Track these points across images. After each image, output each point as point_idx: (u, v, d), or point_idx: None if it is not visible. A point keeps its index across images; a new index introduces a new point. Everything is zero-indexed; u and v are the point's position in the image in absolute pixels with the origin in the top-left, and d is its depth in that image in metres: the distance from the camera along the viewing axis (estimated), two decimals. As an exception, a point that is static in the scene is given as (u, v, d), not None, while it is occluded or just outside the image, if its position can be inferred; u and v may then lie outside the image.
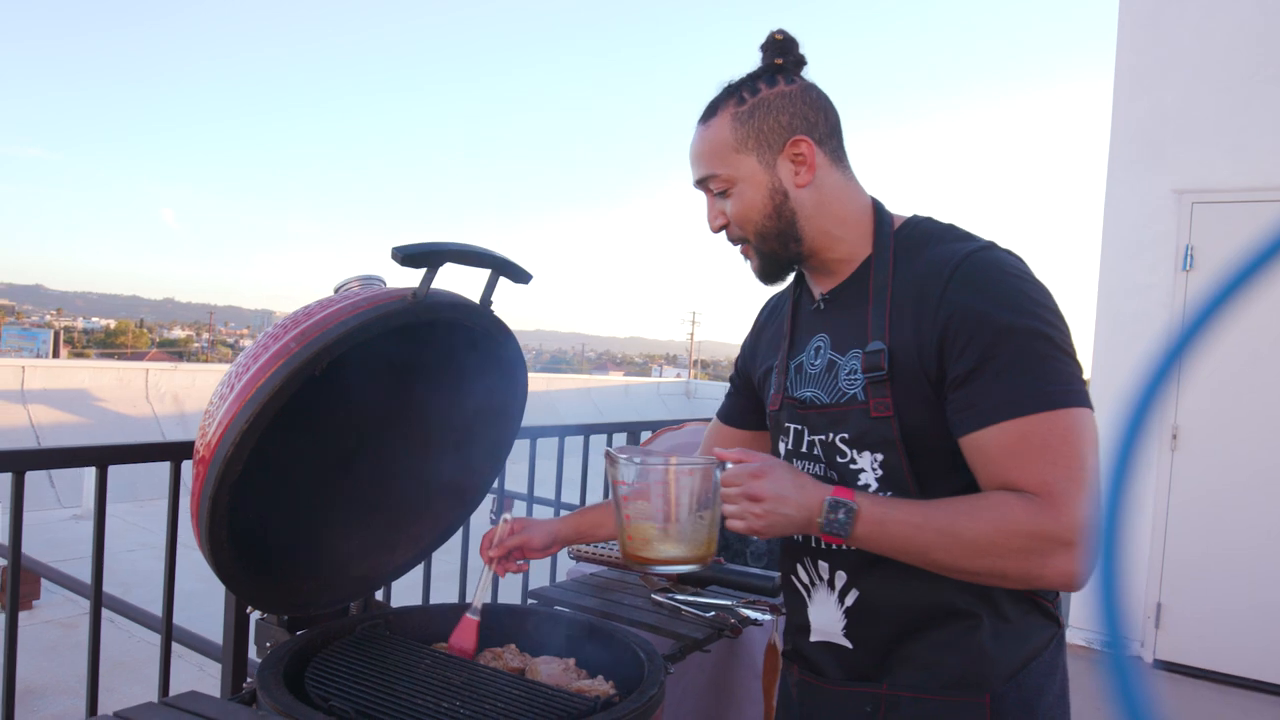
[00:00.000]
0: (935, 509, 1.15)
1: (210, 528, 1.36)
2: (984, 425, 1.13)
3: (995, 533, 1.09)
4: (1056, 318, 1.15)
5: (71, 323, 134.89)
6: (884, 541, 1.16)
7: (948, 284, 1.17)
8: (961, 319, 1.14)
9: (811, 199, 1.28)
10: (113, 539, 7.05)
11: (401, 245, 1.38)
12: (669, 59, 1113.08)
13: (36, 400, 10.37)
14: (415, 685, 1.41)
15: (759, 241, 1.30)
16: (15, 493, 1.55)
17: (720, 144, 1.28)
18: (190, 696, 1.25)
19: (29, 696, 3.80)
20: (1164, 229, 4.67)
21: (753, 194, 1.28)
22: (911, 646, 1.24)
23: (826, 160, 1.28)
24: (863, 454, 1.24)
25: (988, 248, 1.21)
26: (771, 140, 1.26)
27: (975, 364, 1.13)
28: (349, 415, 1.69)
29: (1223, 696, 4.27)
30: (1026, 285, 1.17)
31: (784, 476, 1.20)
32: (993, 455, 1.13)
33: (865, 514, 1.15)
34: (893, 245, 1.27)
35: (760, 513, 1.18)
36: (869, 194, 1.34)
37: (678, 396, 21.30)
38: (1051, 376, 1.11)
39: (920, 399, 1.19)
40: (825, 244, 1.30)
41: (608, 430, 3.18)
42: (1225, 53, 4.54)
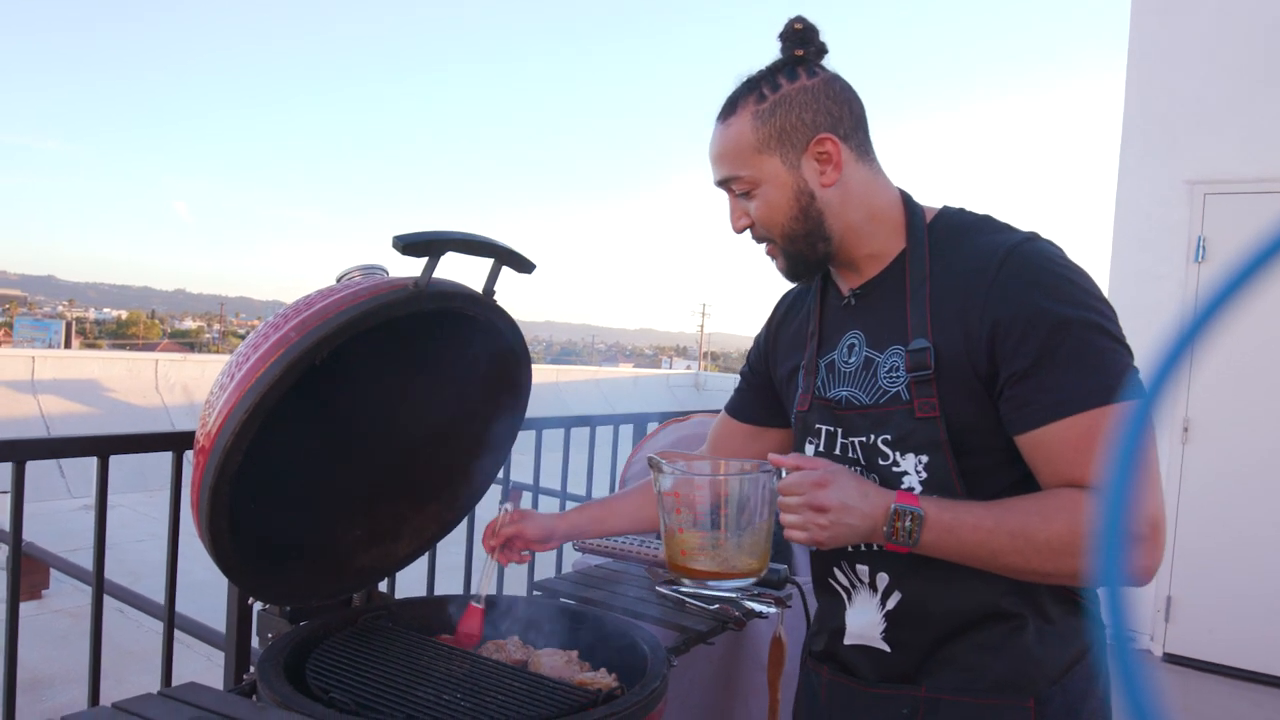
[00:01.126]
0: (1005, 512, 1.11)
1: (210, 518, 1.35)
2: (1047, 421, 1.10)
3: (1069, 533, 1.07)
4: (1108, 307, 1.13)
5: (84, 314, 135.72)
6: (953, 547, 1.12)
7: (995, 277, 1.14)
8: (1015, 313, 1.11)
9: (838, 197, 1.23)
10: (122, 529, 7.08)
11: (403, 234, 1.36)
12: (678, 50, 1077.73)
13: (46, 390, 10.42)
14: (417, 677, 1.40)
15: (786, 243, 1.26)
16: (16, 482, 1.55)
17: (741, 144, 1.23)
18: (189, 688, 1.24)
19: (38, 686, 3.82)
20: (1176, 220, 4.63)
21: (777, 195, 1.23)
22: (953, 648, 1.21)
23: (852, 156, 1.23)
24: (906, 456, 1.20)
25: (1031, 239, 1.18)
26: (795, 139, 1.21)
27: (1034, 359, 1.10)
28: (352, 405, 1.68)
29: (1234, 690, 4.24)
30: (1076, 276, 1.14)
31: (849, 485, 1.14)
32: (1057, 451, 1.11)
33: (933, 520, 1.11)
34: (928, 239, 1.24)
35: (825, 523, 1.13)
36: (896, 186, 1.30)
37: (687, 388, 21.29)
38: (1112, 369, 1.08)
39: (968, 397, 1.16)
40: (854, 241, 1.26)
41: (613, 421, 3.17)
42: (1238, 42, 4.49)
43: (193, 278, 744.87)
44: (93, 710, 1.17)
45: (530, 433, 2.73)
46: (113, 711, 1.16)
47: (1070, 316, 1.10)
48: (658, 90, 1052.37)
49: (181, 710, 1.17)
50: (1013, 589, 1.17)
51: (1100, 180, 5.41)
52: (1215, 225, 4.53)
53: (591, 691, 1.36)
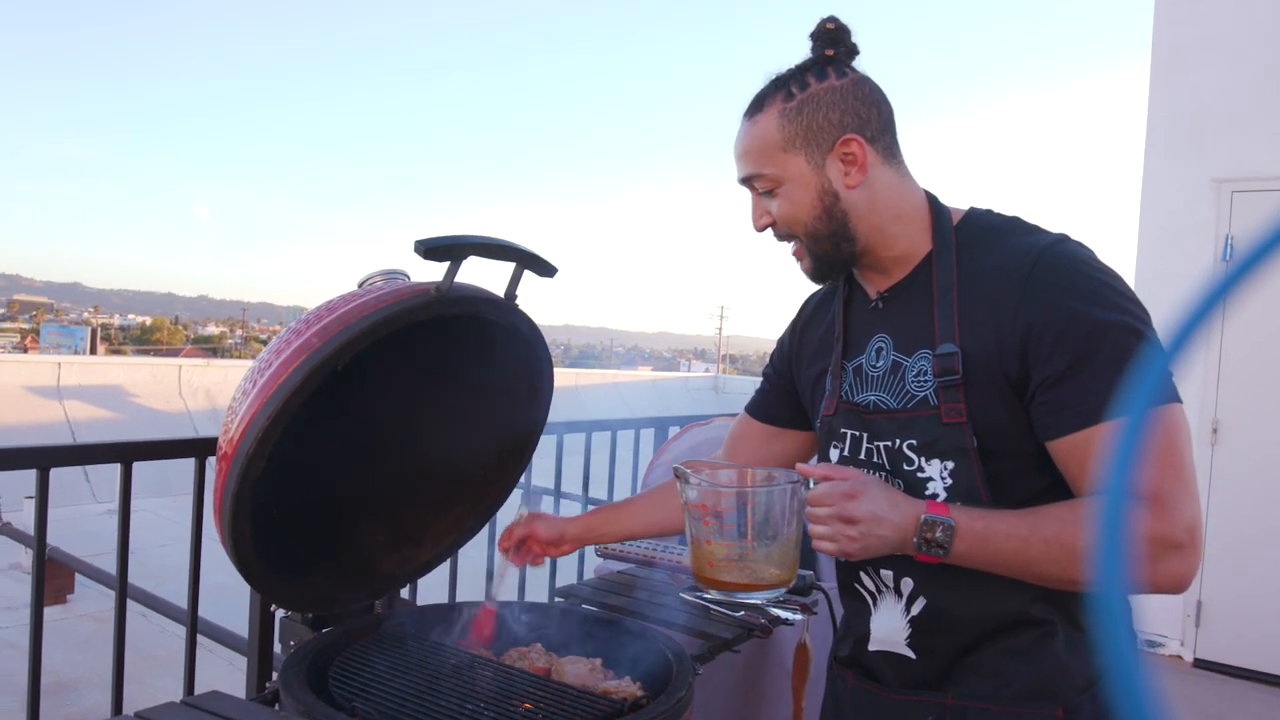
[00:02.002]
0: (1039, 519, 1.09)
1: (233, 525, 1.34)
2: (1083, 426, 1.08)
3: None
4: (1142, 310, 1.11)
5: (108, 320, 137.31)
6: (986, 557, 1.10)
7: (1026, 281, 1.12)
8: (1049, 317, 1.10)
9: (864, 199, 1.22)
10: (146, 533, 7.14)
11: (424, 238, 1.35)
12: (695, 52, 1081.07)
13: (72, 396, 10.54)
14: (439, 686, 1.39)
15: (811, 242, 1.25)
16: (40, 488, 1.55)
17: (766, 142, 1.22)
18: (212, 696, 1.24)
19: (62, 690, 3.84)
20: (1203, 218, 4.56)
21: (801, 195, 1.22)
22: (979, 655, 1.19)
23: (879, 158, 1.22)
24: (931, 462, 1.18)
25: (1062, 240, 1.16)
26: (820, 139, 1.20)
27: (1070, 364, 1.08)
28: (374, 410, 1.67)
29: (1266, 696, 4.16)
30: (1110, 279, 1.12)
31: (879, 495, 1.12)
32: (1089, 459, 1.09)
33: (964, 530, 1.09)
34: (954, 241, 1.22)
35: (855, 535, 1.11)
36: (923, 188, 1.29)
37: (706, 391, 21.25)
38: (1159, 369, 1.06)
39: (998, 402, 1.14)
40: (880, 242, 1.24)
41: (635, 426, 3.15)
42: (1264, 37, 4.42)
43: (215, 283, 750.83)
44: (116, 719, 1.16)
45: (551, 437, 2.72)
46: (136, 720, 1.15)
47: (1107, 320, 1.08)
48: (677, 92, 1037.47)
49: (205, 719, 1.16)
50: (1041, 595, 1.14)
51: (1125, 179, 5.35)
52: (1243, 224, 4.46)
53: (616, 700, 1.34)
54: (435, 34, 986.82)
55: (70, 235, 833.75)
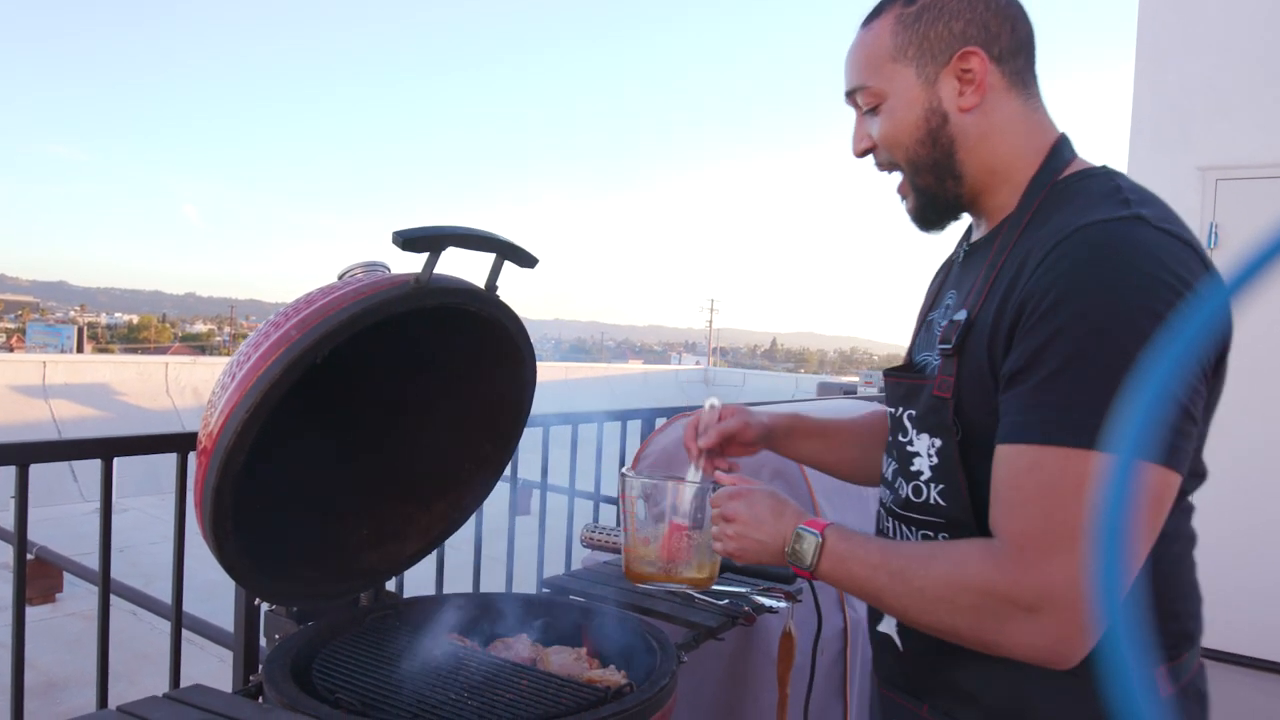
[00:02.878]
0: (895, 551, 1.03)
1: (214, 519, 1.34)
2: (1005, 440, 0.95)
3: (946, 585, 0.95)
4: (1156, 323, 0.87)
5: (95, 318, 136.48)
6: (844, 580, 1.06)
7: (1046, 256, 0.95)
8: (1037, 302, 0.93)
9: (977, 127, 1.06)
10: (135, 531, 7.11)
11: (403, 229, 1.35)
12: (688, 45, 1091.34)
13: (58, 395, 10.49)
14: (425, 677, 1.39)
15: (912, 172, 1.11)
16: (20, 485, 1.54)
17: (876, 50, 1.08)
18: (195, 690, 1.23)
19: (52, 689, 3.83)
20: (1188, 206, 4.58)
21: (905, 113, 1.08)
22: (955, 671, 1.08)
23: (1004, 82, 1.06)
24: (921, 436, 1.09)
25: (1127, 219, 0.94)
26: (936, 51, 1.05)
27: (1026, 361, 0.93)
28: (356, 403, 1.67)
29: (1257, 682, 4.20)
30: (1145, 278, 0.89)
31: (761, 501, 1.13)
32: (998, 482, 0.96)
33: (829, 549, 1.06)
34: (1039, 200, 1.05)
35: (732, 534, 1.14)
36: (1059, 131, 1.11)
37: (697, 385, 21.26)
38: (1104, 404, 0.87)
39: (982, 385, 1.01)
40: (988, 185, 1.09)
41: (621, 417, 3.15)
42: (1251, 25, 4.44)
43: (203, 281, 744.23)
44: (99, 713, 1.16)
45: (538, 430, 2.71)
46: (118, 715, 1.15)
47: (1094, 321, 0.89)
48: (667, 86, 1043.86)
49: (187, 713, 1.16)
50: None
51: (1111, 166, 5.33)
52: (1228, 211, 4.48)
53: (601, 689, 1.34)
54: (423, 33, 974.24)
55: (56, 234, 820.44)
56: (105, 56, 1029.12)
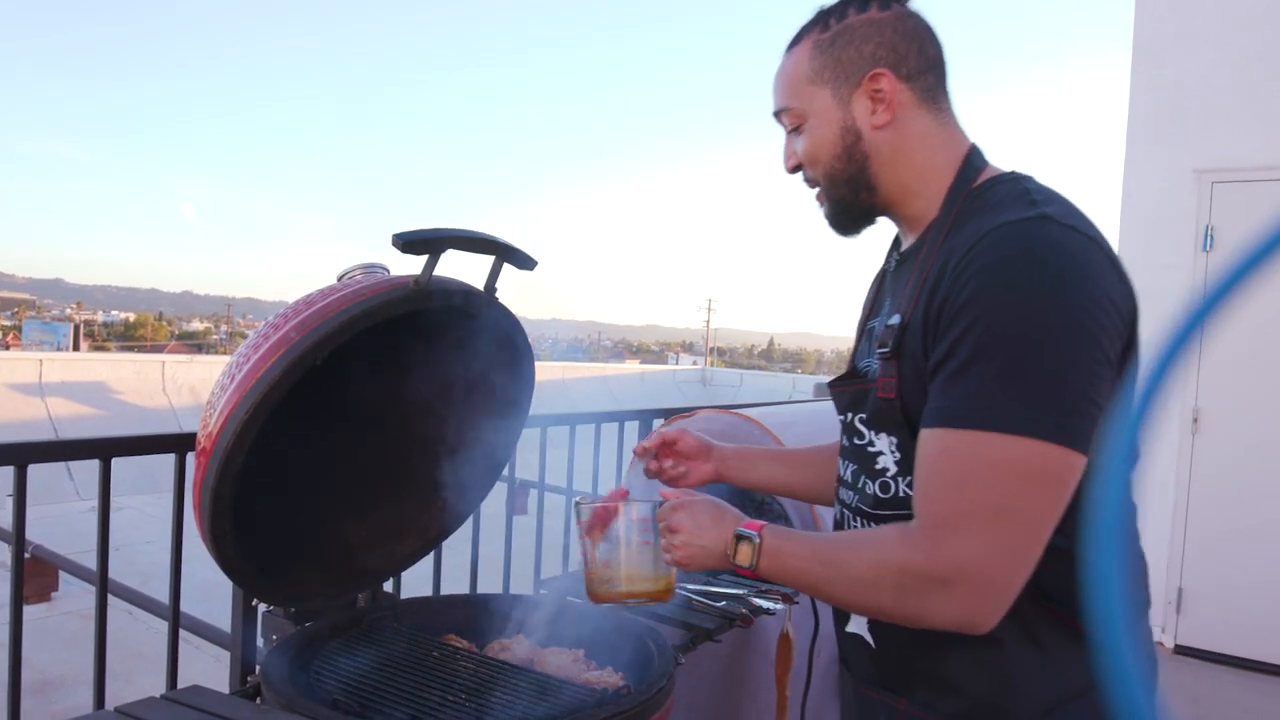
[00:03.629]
0: (826, 543, 1.09)
1: (212, 520, 1.34)
2: (923, 427, 1.01)
3: (870, 568, 1.02)
4: (1074, 325, 0.94)
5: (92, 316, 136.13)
6: (783, 575, 1.12)
7: (964, 256, 1.01)
8: (954, 299, 1.00)
9: (889, 143, 1.14)
10: (131, 530, 7.10)
11: (402, 231, 1.35)
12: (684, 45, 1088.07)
13: (54, 393, 10.46)
14: (422, 677, 1.40)
15: (829, 185, 1.18)
16: (18, 485, 1.55)
17: (796, 74, 1.17)
18: (193, 691, 1.24)
19: (47, 688, 3.82)
20: (1184, 208, 4.59)
21: (823, 131, 1.16)
22: (931, 663, 1.11)
23: (913, 100, 1.13)
24: (880, 435, 1.15)
25: (1034, 219, 1.00)
26: (849, 73, 1.13)
27: (943, 355, 1.00)
28: (354, 405, 1.67)
29: (1246, 682, 4.21)
30: (1051, 272, 0.96)
31: (702, 510, 1.20)
32: (917, 466, 1.02)
33: (766, 546, 1.11)
34: (957, 208, 1.12)
35: (679, 544, 1.20)
36: (969, 141, 1.18)
37: (694, 384, 21.27)
38: (1018, 392, 0.93)
39: (920, 382, 1.07)
40: (901, 197, 1.17)
41: (619, 418, 3.15)
42: (1247, 27, 4.45)
43: (200, 279, 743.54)
44: (96, 714, 1.16)
45: (535, 430, 2.72)
46: (115, 715, 1.15)
47: (997, 315, 0.95)
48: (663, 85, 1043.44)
49: (184, 714, 1.16)
50: None
51: (1106, 169, 5.37)
52: (1223, 214, 4.50)
53: (598, 690, 1.35)
54: (421, 33, 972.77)
55: (52, 231, 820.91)
56: (103, 54, 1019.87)
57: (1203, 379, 4.48)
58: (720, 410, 2.79)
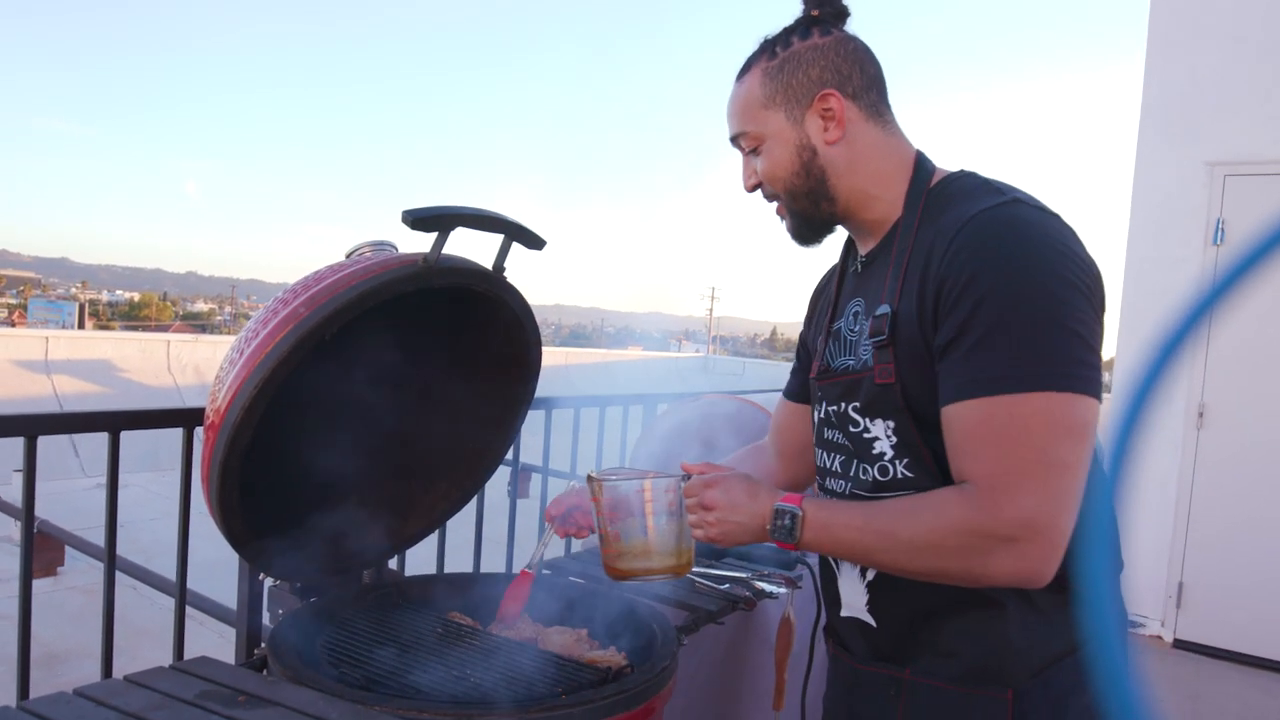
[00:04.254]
0: (877, 511, 1.12)
1: (220, 494, 1.35)
2: (950, 401, 1.06)
3: (931, 532, 1.05)
4: (1068, 288, 1.03)
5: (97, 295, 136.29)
6: (831, 545, 1.15)
7: (951, 243, 1.09)
8: (954, 281, 1.07)
9: (843, 156, 1.22)
10: (135, 507, 7.13)
11: (412, 208, 1.35)
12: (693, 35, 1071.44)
13: (60, 370, 10.49)
14: (426, 653, 1.41)
15: (790, 200, 1.26)
16: (28, 457, 1.55)
17: (749, 100, 1.24)
18: (201, 661, 1.24)
19: (53, 661, 3.85)
20: (1195, 202, 4.57)
21: (780, 151, 1.23)
22: (934, 632, 1.18)
23: (860, 115, 1.22)
24: (875, 422, 1.19)
25: (1008, 203, 1.10)
26: (799, 95, 1.21)
27: (956, 332, 1.06)
28: (362, 381, 1.68)
29: (1245, 677, 4.22)
30: (1038, 246, 1.05)
31: (736, 486, 1.21)
32: (954, 437, 1.06)
33: (810, 518, 1.14)
34: (922, 204, 1.21)
35: (713, 520, 1.21)
36: (914, 148, 1.27)
37: (695, 371, 21.27)
38: (1038, 354, 1.01)
39: (920, 366, 1.12)
40: (861, 203, 1.24)
41: (623, 402, 3.16)
42: (1260, 21, 4.42)
43: (204, 260, 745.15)
44: (105, 682, 1.17)
45: (540, 413, 2.72)
46: (125, 684, 1.16)
47: (1006, 289, 1.03)
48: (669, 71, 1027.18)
49: (193, 683, 1.17)
50: None
51: (1118, 162, 5.34)
52: (1235, 207, 4.48)
53: (601, 669, 1.36)
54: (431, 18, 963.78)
55: (58, 210, 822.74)
56: (109, 32, 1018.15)
57: (1208, 373, 4.47)
58: (725, 395, 2.80)
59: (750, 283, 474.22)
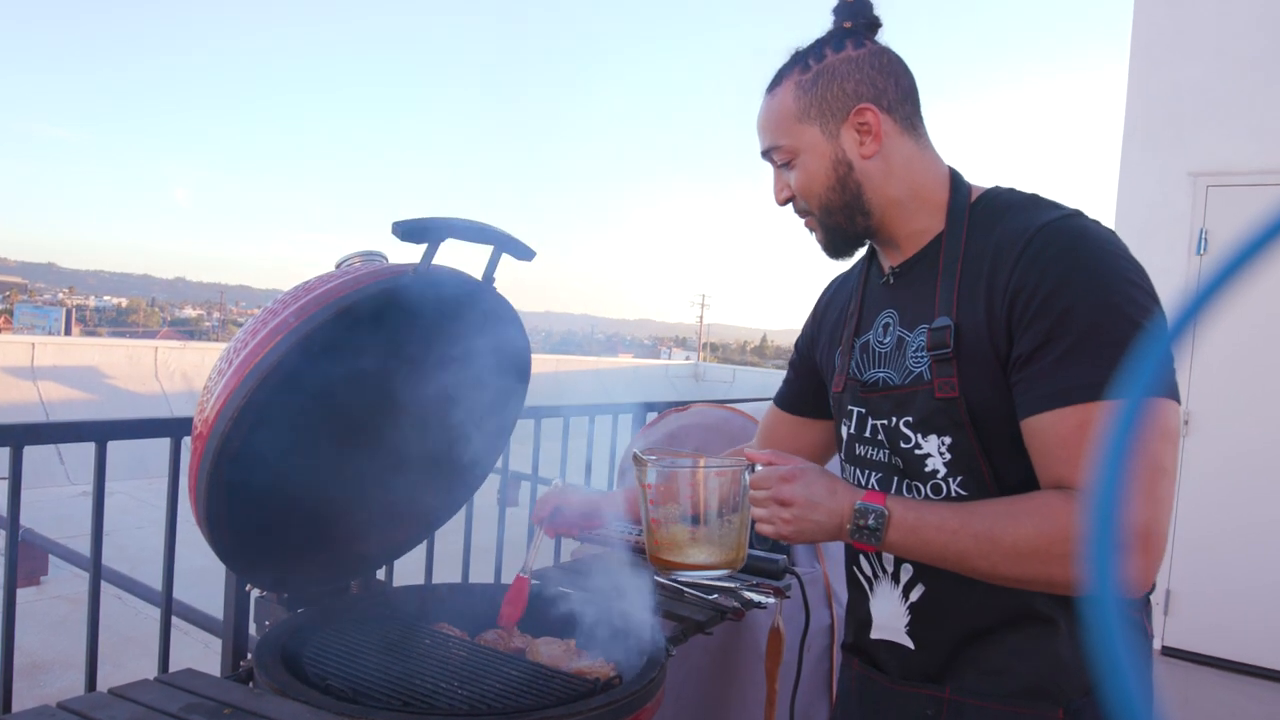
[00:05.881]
0: (974, 512, 1.08)
1: (207, 505, 1.35)
2: (1041, 410, 1.05)
3: (1039, 537, 1.02)
4: (1145, 296, 1.04)
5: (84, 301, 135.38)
6: (919, 548, 1.10)
7: (1021, 254, 1.08)
8: (1032, 291, 1.06)
9: (879, 170, 1.21)
10: (121, 516, 7.08)
11: (402, 220, 1.35)
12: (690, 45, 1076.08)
13: (46, 377, 10.42)
14: (414, 665, 1.40)
15: (824, 215, 1.24)
16: (13, 467, 1.54)
17: (783, 114, 1.23)
18: (186, 674, 1.24)
19: (36, 671, 3.82)
20: (1178, 212, 4.61)
21: (816, 165, 1.21)
22: (980, 649, 1.16)
23: (896, 129, 1.20)
24: (928, 438, 1.16)
25: (1071, 215, 1.11)
26: (835, 109, 1.19)
27: (1042, 340, 1.05)
28: (351, 392, 1.67)
29: (1233, 684, 4.24)
30: (1109, 258, 1.06)
31: (816, 481, 1.15)
32: (1048, 445, 1.05)
33: (897, 519, 1.09)
34: (968, 218, 1.19)
35: (789, 518, 1.14)
36: (946, 164, 1.26)
37: (686, 379, 21.28)
38: (1126, 361, 0.99)
39: (986, 378, 1.11)
40: (896, 216, 1.23)
41: (613, 411, 3.16)
42: (1243, 32, 4.46)
43: (193, 266, 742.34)
44: (89, 695, 1.16)
45: (529, 422, 2.72)
46: (109, 697, 1.15)
47: (1089, 299, 1.03)
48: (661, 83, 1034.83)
49: (178, 696, 1.16)
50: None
51: (1102, 172, 5.38)
52: (1217, 217, 4.52)
53: (589, 680, 1.35)
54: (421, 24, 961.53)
55: (45, 215, 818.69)
56: (98, 37, 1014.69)
57: (1194, 381, 4.50)
58: (714, 404, 2.80)
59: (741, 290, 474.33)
